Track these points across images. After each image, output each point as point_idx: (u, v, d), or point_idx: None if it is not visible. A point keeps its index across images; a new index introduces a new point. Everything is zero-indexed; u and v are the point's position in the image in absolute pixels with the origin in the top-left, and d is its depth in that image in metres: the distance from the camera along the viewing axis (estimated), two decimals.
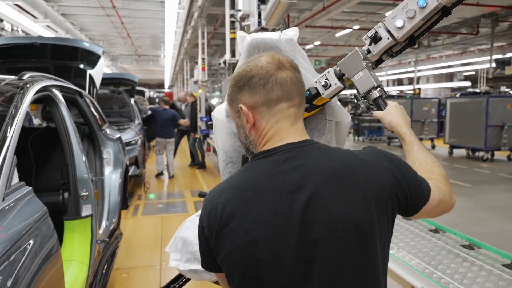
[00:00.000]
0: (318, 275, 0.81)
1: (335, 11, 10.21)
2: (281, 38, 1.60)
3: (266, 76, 0.90)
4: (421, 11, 1.20)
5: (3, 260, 1.11)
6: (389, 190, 0.88)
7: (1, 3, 8.85)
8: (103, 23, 14.48)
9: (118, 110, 7.82)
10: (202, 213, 0.89)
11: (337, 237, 0.82)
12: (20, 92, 1.77)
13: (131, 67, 27.61)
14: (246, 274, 0.83)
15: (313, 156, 0.88)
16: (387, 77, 25.18)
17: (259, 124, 0.92)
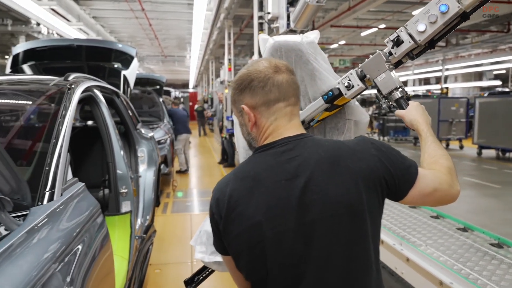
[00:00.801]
0: (316, 250, 0.93)
1: (361, 11, 10.10)
2: (303, 40, 1.67)
3: (265, 79, 1.01)
4: (443, 16, 1.26)
5: (69, 250, 1.21)
6: (376, 173, 0.98)
7: (38, 8, 9.20)
8: (131, 25, 14.85)
9: (147, 110, 8.02)
10: (212, 201, 1.01)
11: (331, 216, 0.93)
12: (68, 92, 1.87)
13: (157, 68, 28.13)
14: (252, 253, 0.95)
15: (308, 147, 1.00)
16: (414, 76, 24.62)
17: (259, 122, 1.03)
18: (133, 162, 3.32)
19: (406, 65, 23.91)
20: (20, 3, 8.62)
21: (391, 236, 2.88)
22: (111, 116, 2.58)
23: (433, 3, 1.28)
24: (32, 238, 1.11)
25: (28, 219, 1.18)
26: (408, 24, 1.32)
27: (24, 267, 1.00)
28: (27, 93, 2.00)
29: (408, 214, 3.35)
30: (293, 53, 1.69)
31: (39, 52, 3.60)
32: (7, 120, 1.81)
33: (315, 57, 1.68)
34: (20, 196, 1.18)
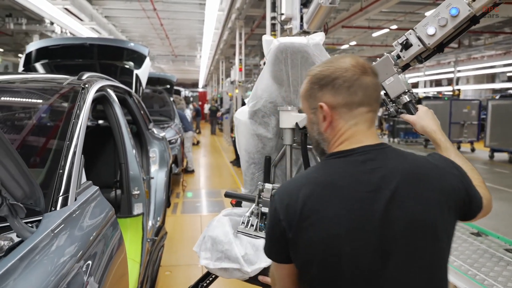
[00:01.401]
0: (394, 269, 0.87)
1: (373, 11, 9.98)
2: (309, 42, 1.66)
3: (351, 79, 0.94)
4: (453, 19, 1.24)
5: (85, 258, 1.15)
6: (458, 195, 0.94)
7: (52, 7, 9.25)
8: (143, 25, 14.88)
9: (158, 109, 8.00)
10: (278, 206, 0.93)
11: (414, 235, 0.87)
12: (82, 92, 1.82)
13: (167, 67, 28.21)
14: (325, 265, 0.88)
15: (391, 159, 0.93)
16: (425, 77, 24.32)
17: (336, 123, 0.96)
18: (145, 163, 3.28)
19: (417, 66, 23.66)
20: (35, 2, 8.68)
21: None
22: (124, 116, 2.53)
23: (443, 6, 1.26)
24: (46, 246, 1.06)
25: (42, 226, 1.13)
26: (417, 27, 1.30)
27: (39, 276, 0.95)
28: (40, 92, 1.96)
29: None
30: (299, 55, 1.68)
31: (51, 50, 3.58)
32: (20, 120, 1.76)
33: (320, 59, 1.67)
34: (33, 201, 1.12)
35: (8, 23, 10.95)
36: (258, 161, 1.91)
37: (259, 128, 1.88)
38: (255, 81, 13.75)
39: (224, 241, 1.50)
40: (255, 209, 1.70)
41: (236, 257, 1.45)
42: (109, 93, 2.41)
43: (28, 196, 1.10)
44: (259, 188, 1.69)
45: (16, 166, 1.03)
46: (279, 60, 1.73)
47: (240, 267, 1.43)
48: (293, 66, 1.74)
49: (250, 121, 1.87)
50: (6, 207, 1.01)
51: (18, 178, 1.04)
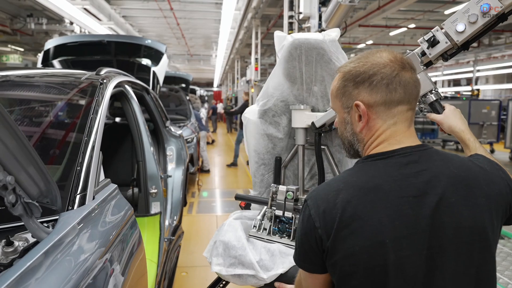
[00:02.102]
0: (441, 279, 0.81)
1: (390, 10, 9.78)
2: (325, 38, 1.59)
3: (391, 76, 0.87)
4: (484, 16, 1.20)
5: (103, 260, 1.08)
6: (506, 199, 0.88)
7: (72, 7, 9.35)
8: (159, 24, 14.95)
9: (174, 108, 7.97)
10: (312, 212, 0.85)
11: (463, 243, 0.82)
12: (101, 87, 1.76)
13: (182, 66, 28.35)
14: (369, 276, 0.81)
15: (435, 161, 0.87)
16: (443, 77, 23.83)
17: (373, 123, 0.90)
18: (162, 161, 3.22)
19: (435, 66, 23.19)
20: (55, 2, 8.78)
21: None
22: (141, 113, 2.47)
23: (473, 3, 1.22)
24: (63, 248, 0.99)
25: (58, 226, 1.06)
26: (446, 24, 1.26)
27: (57, 279, 0.88)
28: (58, 87, 1.91)
29: None
30: (315, 51, 1.62)
31: (69, 47, 3.56)
32: (37, 114, 1.71)
33: (337, 56, 1.61)
34: (50, 199, 1.06)
35: (29, 23, 11.12)
36: (268, 162, 1.84)
37: (269, 128, 1.82)
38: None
39: (237, 246, 1.42)
40: (268, 212, 1.63)
41: (250, 263, 1.38)
42: (127, 89, 2.35)
43: (44, 194, 1.04)
44: (272, 190, 1.63)
45: (31, 162, 0.96)
46: (292, 57, 1.66)
47: (256, 273, 1.36)
48: (307, 63, 1.66)
49: (260, 120, 1.81)
50: (21, 206, 0.95)
51: (34, 175, 0.97)
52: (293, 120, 1.75)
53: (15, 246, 1.02)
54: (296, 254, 0.92)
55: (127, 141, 3.23)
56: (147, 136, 2.45)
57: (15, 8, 11.16)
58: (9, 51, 14.80)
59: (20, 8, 11.25)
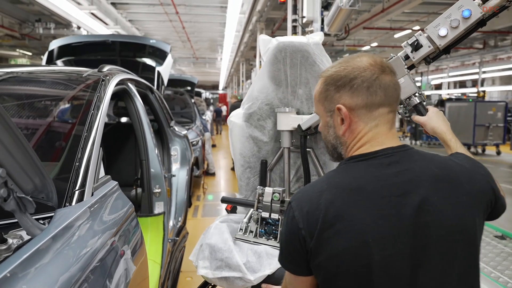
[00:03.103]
0: (425, 278, 0.82)
1: (395, 12, 9.70)
2: (309, 41, 1.63)
3: (371, 79, 0.88)
4: (465, 21, 1.23)
5: (101, 259, 1.02)
6: (487, 197, 0.89)
7: (79, 12, 9.40)
8: (165, 28, 14.98)
9: (179, 111, 7.94)
10: (296, 214, 0.85)
11: (446, 242, 0.82)
12: (102, 84, 1.72)
13: (188, 69, 28.40)
14: (353, 277, 0.81)
15: (416, 161, 0.87)
16: (448, 79, 23.62)
17: (355, 126, 0.90)
18: (166, 161, 3.17)
19: (441, 67, 22.99)
20: (63, 7, 8.85)
21: None
22: (145, 112, 2.42)
23: (454, 8, 1.25)
24: (57, 246, 0.93)
25: (53, 223, 1.01)
26: (428, 28, 1.29)
27: (47, 280, 0.82)
28: (59, 83, 1.87)
29: None
30: (299, 54, 1.64)
31: (74, 48, 3.54)
32: (37, 111, 1.67)
33: (321, 59, 1.65)
34: (45, 195, 1.01)
35: (37, 28, 11.20)
36: (253, 165, 1.84)
37: (254, 131, 1.83)
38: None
39: (224, 248, 1.40)
40: (254, 214, 1.61)
41: (237, 265, 1.36)
42: (130, 88, 2.30)
43: (39, 189, 0.98)
44: (258, 192, 1.61)
45: (24, 155, 0.91)
46: (277, 60, 1.69)
47: (242, 275, 1.34)
48: (292, 65, 1.69)
49: (246, 124, 1.81)
50: (13, 201, 0.89)
51: (27, 169, 0.92)
52: (278, 122, 1.74)
53: (9, 244, 0.96)
54: (281, 256, 0.91)
55: (130, 141, 3.19)
56: (151, 135, 2.40)
57: (24, 13, 11.25)
58: (17, 55, 14.92)
59: (29, 13, 11.34)
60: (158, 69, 3.72)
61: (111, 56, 3.58)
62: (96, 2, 10.15)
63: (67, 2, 8.71)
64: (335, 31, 5.57)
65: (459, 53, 17.70)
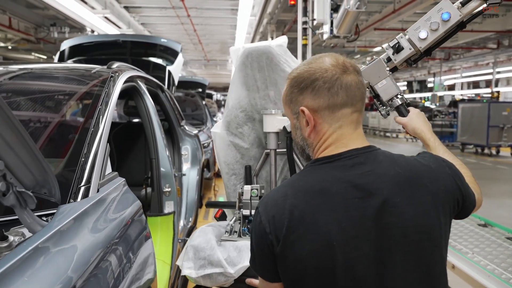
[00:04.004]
0: (391, 279, 0.82)
1: (406, 13, 9.55)
2: (272, 44, 1.73)
3: (332, 80, 0.87)
4: (444, 24, 1.25)
5: (104, 258, 0.96)
6: (452, 195, 0.89)
7: (93, 16, 9.50)
8: (177, 31, 15.04)
9: (190, 113, 7.89)
10: (263, 218, 0.85)
11: (410, 242, 0.83)
12: (111, 79, 1.68)
13: (199, 71, 28.50)
14: (319, 280, 0.81)
15: (380, 162, 0.87)
16: (462, 79, 23.20)
17: (320, 127, 0.90)
18: (177, 160, 3.12)
19: (454, 68, 22.58)
20: (77, 12, 8.96)
21: None
22: (155, 110, 2.37)
23: (434, 11, 1.27)
24: (57, 244, 0.88)
25: (55, 220, 0.95)
26: (409, 31, 1.31)
27: (45, 280, 0.77)
28: (67, 79, 1.83)
29: (454, 221, 3.20)
30: (264, 56, 1.72)
31: (84, 47, 3.52)
32: (44, 106, 1.63)
33: (285, 59, 1.72)
34: (47, 190, 0.95)
35: (52, 32, 11.35)
36: (238, 171, 1.88)
37: (235, 139, 1.88)
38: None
39: (206, 247, 1.40)
40: (237, 214, 1.64)
41: (218, 261, 1.37)
42: (140, 85, 2.26)
43: (40, 184, 0.93)
44: (239, 191, 1.64)
45: (25, 148, 0.86)
46: (245, 65, 1.77)
47: (223, 270, 1.36)
48: (259, 69, 1.75)
49: (226, 132, 1.87)
50: (13, 195, 0.84)
51: (28, 162, 0.87)
52: (264, 124, 1.77)
53: (10, 241, 0.91)
54: (252, 261, 0.91)
55: (141, 140, 3.15)
56: (161, 133, 2.35)
57: (39, 18, 11.42)
58: (32, 59, 15.16)
59: (44, 17, 11.50)
60: (169, 68, 3.68)
61: (122, 55, 3.56)
62: (109, 6, 10.24)
63: (81, 7, 8.83)
64: (344, 33, 5.62)
65: (473, 53, 17.37)
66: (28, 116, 1.50)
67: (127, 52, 3.54)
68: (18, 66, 1.84)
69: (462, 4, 1.26)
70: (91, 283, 0.86)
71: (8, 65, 1.80)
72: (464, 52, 17.37)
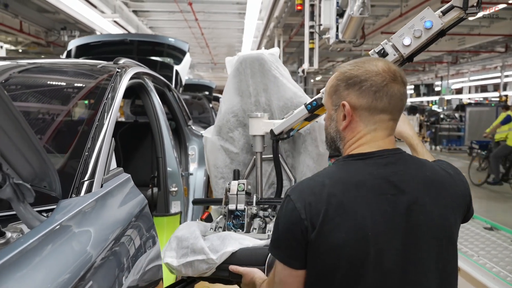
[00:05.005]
0: (414, 274, 0.86)
1: (413, 17, 9.37)
2: (264, 52, 1.83)
3: (380, 84, 0.90)
4: (427, 32, 1.31)
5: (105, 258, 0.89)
6: (465, 200, 0.96)
7: (102, 20, 9.55)
8: (185, 34, 15.07)
9: (197, 116, 7.83)
10: (298, 205, 0.86)
11: (433, 239, 0.88)
12: (117, 74, 1.63)
13: (206, 74, 28.53)
14: (351, 269, 0.83)
15: (410, 164, 0.93)
16: (469, 83, 22.93)
17: (355, 125, 0.93)
18: (184, 160, 3.05)
19: (461, 72, 22.32)
20: (87, 16, 9.03)
21: None
22: (162, 108, 2.32)
23: (417, 19, 1.33)
24: (56, 241, 0.81)
25: (55, 215, 0.89)
26: (394, 38, 1.37)
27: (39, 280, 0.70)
28: (73, 74, 1.78)
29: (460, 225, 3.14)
30: (257, 62, 1.81)
31: (91, 47, 3.49)
32: (51, 100, 1.58)
33: (276, 66, 1.82)
34: (47, 184, 0.89)
35: (62, 36, 11.43)
36: (227, 175, 1.91)
37: (225, 143, 1.93)
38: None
39: (190, 237, 1.40)
40: (222, 209, 1.65)
41: (201, 248, 1.36)
42: (147, 82, 2.21)
43: (40, 176, 0.87)
44: (226, 187, 1.67)
45: (23, 137, 0.80)
46: (239, 72, 1.86)
47: (206, 257, 1.34)
48: (252, 75, 1.83)
49: (217, 137, 1.92)
50: (10, 188, 0.78)
51: (26, 152, 0.81)
52: (250, 127, 1.79)
53: (7, 238, 0.85)
54: (278, 250, 0.91)
55: (147, 140, 3.09)
56: (168, 132, 2.29)
57: (50, 22, 11.51)
58: None
59: (55, 21, 11.58)
60: (176, 68, 3.63)
61: (129, 54, 3.51)
62: (118, 10, 10.28)
63: (91, 11, 8.88)
64: (349, 38, 5.75)
65: (480, 57, 17.18)
66: (32, 109, 1.45)
67: (134, 51, 3.50)
68: (25, 61, 1.79)
69: (443, 13, 1.33)
70: (91, 284, 0.79)
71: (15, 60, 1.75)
72: (471, 55, 17.18)
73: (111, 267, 0.91)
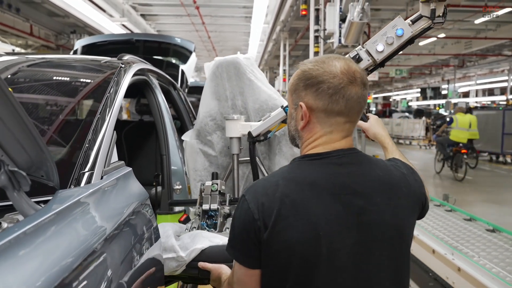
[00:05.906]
0: (366, 272, 0.86)
1: None
2: (239, 56, 1.88)
3: (337, 87, 0.88)
4: (398, 39, 1.38)
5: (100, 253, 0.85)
6: (421, 200, 0.97)
7: (111, 24, 9.63)
8: (192, 38, 15.11)
9: None
10: (251, 205, 0.86)
11: (385, 239, 0.88)
12: (121, 69, 1.62)
13: None
14: (303, 268, 0.83)
15: (364, 164, 0.93)
16: (476, 86, 22.70)
17: (312, 126, 0.92)
18: None
19: (468, 75, 22.11)
20: (96, 20, 9.11)
21: (442, 245, 2.86)
22: (167, 105, 2.29)
23: (389, 27, 1.39)
24: (49, 230, 0.77)
25: (51, 205, 0.85)
26: (367, 44, 1.42)
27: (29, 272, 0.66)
28: (77, 68, 1.77)
29: (462, 226, 3.26)
30: (232, 66, 1.86)
31: (97, 47, 3.48)
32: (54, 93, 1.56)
33: (251, 69, 1.86)
34: (44, 173, 0.86)
35: (72, 39, 11.53)
36: (205, 178, 1.92)
37: (204, 147, 1.97)
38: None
39: (162, 236, 1.37)
40: (197, 209, 1.65)
41: (171, 246, 1.35)
42: (152, 80, 2.18)
43: (37, 165, 0.84)
44: (200, 188, 1.66)
45: (19, 124, 0.77)
46: (215, 76, 1.91)
47: (176, 254, 1.33)
48: (228, 78, 1.88)
49: (196, 140, 1.96)
50: (4, 175, 0.75)
51: (22, 139, 0.78)
52: (227, 129, 1.80)
53: (3, 228, 0.82)
54: (233, 249, 0.91)
55: (152, 140, 3.07)
56: (172, 130, 2.26)
57: (60, 26, 11.63)
58: None
59: (65, 25, 11.71)
60: (182, 67, 3.61)
61: (135, 54, 3.50)
62: (127, 14, 10.36)
63: (100, 15, 8.96)
64: (351, 42, 5.86)
65: (487, 60, 17.01)
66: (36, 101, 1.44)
67: (140, 50, 3.48)
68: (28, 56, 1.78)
69: (412, 22, 1.41)
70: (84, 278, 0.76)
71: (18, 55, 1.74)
72: (478, 59, 17.03)
73: (110, 261, 0.87)
